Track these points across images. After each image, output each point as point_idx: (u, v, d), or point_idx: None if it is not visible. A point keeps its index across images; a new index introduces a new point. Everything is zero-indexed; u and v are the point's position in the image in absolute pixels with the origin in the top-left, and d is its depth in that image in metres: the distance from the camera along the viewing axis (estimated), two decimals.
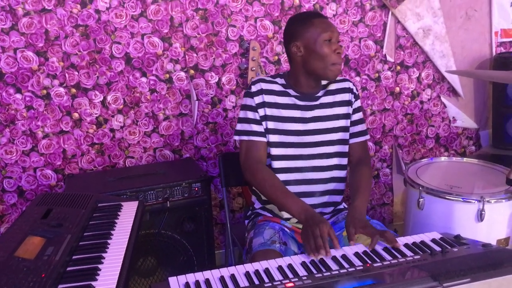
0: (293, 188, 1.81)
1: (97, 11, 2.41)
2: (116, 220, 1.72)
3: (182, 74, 2.60)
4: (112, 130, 2.57)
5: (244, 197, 2.71)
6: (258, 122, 1.83)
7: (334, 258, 1.49)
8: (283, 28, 2.53)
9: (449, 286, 1.27)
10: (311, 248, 1.48)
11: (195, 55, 2.59)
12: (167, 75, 2.58)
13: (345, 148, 1.92)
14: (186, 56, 2.58)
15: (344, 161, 1.92)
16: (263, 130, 1.84)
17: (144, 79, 2.56)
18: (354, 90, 1.94)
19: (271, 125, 1.84)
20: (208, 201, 2.35)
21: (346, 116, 1.91)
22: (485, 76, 2.24)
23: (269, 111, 1.84)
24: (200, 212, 2.32)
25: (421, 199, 2.08)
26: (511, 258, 1.42)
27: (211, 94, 2.66)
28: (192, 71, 2.61)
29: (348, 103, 1.91)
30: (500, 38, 3.14)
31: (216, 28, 2.59)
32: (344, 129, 1.91)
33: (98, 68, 2.48)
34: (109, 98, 2.53)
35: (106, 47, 2.46)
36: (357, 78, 2.90)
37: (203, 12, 2.56)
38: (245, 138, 1.84)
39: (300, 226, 1.88)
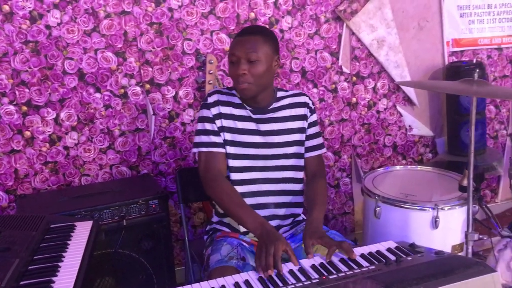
0: (248, 200, 1.81)
1: (48, 27, 2.36)
2: (68, 242, 1.66)
3: (138, 88, 2.56)
4: (66, 147, 2.50)
5: (205, 212, 2.68)
6: (216, 133, 1.82)
7: (291, 272, 1.49)
8: None
9: None
10: (261, 265, 1.47)
11: (150, 69, 2.56)
12: (122, 90, 2.54)
13: (301, 162, 1.92)
14: (141, 71, 2.55)
15: (300, 174, 1.92)
16: (222, 141, 1.82)
17: (98, 95, 2.50)
18: (310, 104, 1.94)
19: (228, 136, 1.83)
20: (167, 218, 2.30)
21: (301, 130, 1.92)
22: (432, 87, 2.30)
23: (226, 123, 1.83)
24: (158, 230, 2.27)
25: (377, 208, 2.10)
26: (462, 265, 1.44)
27: (168, 108, 2.63)
28: (147, 86, 2.57)
29: (303, 117, 1.92)
30: (451, 47, 3.23)
31: (171, 42, 2.57)
32: (299, 143, 1.91)
33: (50, 85, 2.41)
34: (62, 115, 2.46)
35: (58, 63, 2.40)
36: (315, 90, 2.93)
37: (157, 26, 2.53)
38: (204, 149, 1.82)
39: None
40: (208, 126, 1.82)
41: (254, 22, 2.71)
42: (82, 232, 1.76)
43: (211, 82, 2.55)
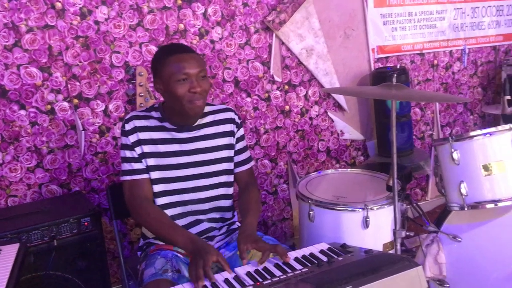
0: (180, 222, 1.81)
1: None
2: None
3: (65, 104, 2.49)
4: None
5: (141, 228, 2.62)
6: (137, 160, 1.80)
7: (226, 281, 1.49)
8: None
9: None
10: (193, 279, 1.48)
11: (78, 83, 2.49)
12: (49, 106, 2.45)
13: (230, 178, 1.94)
14: (69, 85, 2.48)
15: (230, 190, 1.94)
16: (144, 167, 1.80)
17: (23, 112, 2.41)
18: (236, 120, 1.95)
19: (151, 161, 1.81)
20: (100, 236, 2.24)
21: (229, 146, 1.92)
22: (354, 92, 2.40)
23: (147, 148, 1.81)
24: (92, 248, 2.20)
25: (311, 212, 2.15)
26: (389, 261, 1.51)
27: (98, 123, 2.57)
28: (76, 101, 2.50)
29: (230, 133, 1.93)
30: (376, 54, 3.38)
31: (99, 55, 2.52)
32: (227, 159, 1.92)
33: None
34: None
35: None
36: (248, 99, 2.97)
37: (83, 39, 2.47)
38: (127, 178, 1.81)
39: None
40: (128, 153, 1.81)
41: (184, 34, 2.71)
42: (7, 256, 1.68)
43: (142, 94, 2.52)
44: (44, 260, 2.10)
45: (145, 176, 1.80)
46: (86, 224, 2.18)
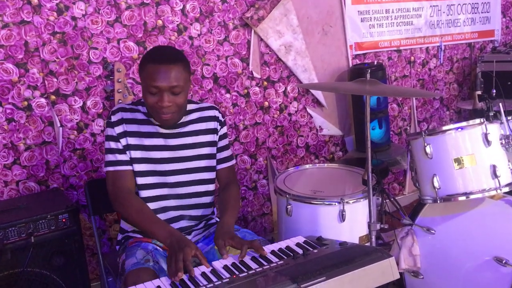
0: (161, 216, 1.82)
1: None
2: None
3: (43, 100, 2.47)
4: None
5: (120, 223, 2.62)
6: (121, 151, 1.81)
7: (204, 274, 1.51)
8: (148, 48, 2.53)
9: (306, 287, 1.35)
10: (172, 272, 1.49)
11: (55, 79, 2.48)
12: (26, 103, 2.44)
13: (212, 175, 1.95)
14: (46, 82, 2.46)
15: (211, 187, 1.96)
16: (128, 159, 1.81)
17: None
18: (220, 118, 1.97)
19: (136, 154, 1.82)
20: (78, 232, 2.23)
21: (212, 144, 1.94)
22: (330, 88, 2.44)
23: (132, 140, 1.82)
24: (70, 244, 2.20)
25: (289, 206, 2.18)
26: (362, 253, 1.54)
27: (76, 119, 2.56)
28: (53, 97, 2.49)
29: (213, 131, 1.95)
30: (354, 51, 3.42)
31: (76, 51, 2.51)
32: (210, 156, 1.94)
33: None
34: None
35: None
36: (227, 95, 2.98)
37: (60, 35, 2.46)
38: (110, 169, 1.81)
39: None
40: (113, 145, 1.81)
41: (162, 30, 2.71)
42: None
43: (120, 90, 2.52)
44: (22, 257, 2.09)
45: (128, 167, 1.81)
46: (64, 220, 2.18)
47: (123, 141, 1.81)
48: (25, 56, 2.40)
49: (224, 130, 1.99)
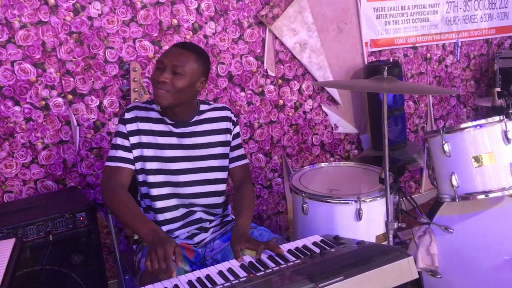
0: (172, 213, 1.83)
1: None
2: None
3: (60, 99, 2.49)
4: None
5: None
6: (126, 149, 1.82)
7: (221, 273, 1.51)
8: (164, 48, 2.54)
9: (324, 286, 1.34)
10: (152, 268, 1.49)
11: (72, 79, 2.50)
12: (43, 102, 2.46)
13: (224, 175, 1.96)
14: (63, 81, 2.48)
15: (222, 187, 1.96)
16: (131, 158, 1.82)
17: (17, 108, 2.41)
18: (233, 118, 1.99)
19: (148, 152, 1.83)
20: (96, 230, 2.25)
21: (224, 143, 1.95)
22: (346, 85, 2.42)
23: (145, 139, 1.83)
24: (87, 243, 2.22)
25: (305, 205, 2.17)
26: (380, 252, 1.53)
27: (92, 119, 2.58)
28: (70, 96, 2.51)
29: (226, 131, 1.95)
30: (370, 48, 3.39)
31: (92, 51, 2.52)
32: (222, 156, 1.94)
33: None
34: None
35: None
36: (242, 94, 2.98)
37: (77, 35, 2.48)
38: (110, 164, 1.82)
39: (189, 241, 1.89)
40: (119, 141, 1.83)
41: (178, 29, 2.72)
42: (3, 251, 1.69)
43: (136, 90, 2.53)
44: (40, 255, 2.11)
45: (128, 166, 1.82)
46: (81, 219, 2.20)
47: (135, 139, 1.82)
48: (43, 56, 2.43)
49: (237, 129, 2.00)
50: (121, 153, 1.81)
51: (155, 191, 1.84)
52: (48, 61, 2.44)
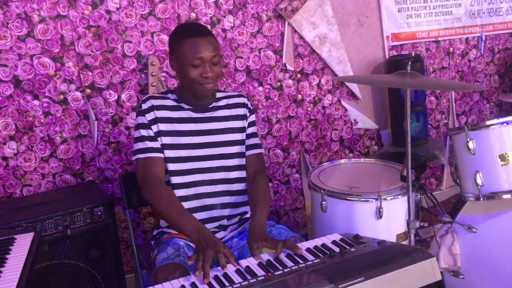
0: (193, 203, 1.80)
1: None
2: (7, 256, 1.60)
3: (78, 94, 2.49)
4: (5, 158, 2.40)
5: (155, 217, 2.64)
6: (152, 138, 1.80)
7: (238, 271, 1.49)
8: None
9: (344, 287, 1.31)
10: (199, 270, 1.45)
11: (90, 73, 2.50)
12: (62, 96, 2.46)
13: (243, 161, 1.93)
14: (81, 75, 2.48)
15: (244, 173, 1.93)
16: (159, 146, 1.80)
17: (36, 102, 2.42)
18: (249, 105, 1.97)
19: (166, 140, 1.81)
20: (113, 225, 2.25)
21: (242, 130, 1.93)
22: (368, 80, 2.36)
23: (163, 127, 1.81)
24: (105, 237, 2.22)
25: (323, 202, 2.13)
26: (402, 253, 1.49)
27: (111, 113, 2.58)
28: (88, 90, 2.51)
29: (243, 117, 1.94)
30: (391, 42, 3.33)
31: (111, 45, 2.52)
32: (241, 142, 1.92)
33: None
34: None
35: None
36: (260, 88, 2.95)
37: (95, 29, 2.47)
38: (141, 156, 1.80)
39: None
40: (143, 132, 1.80)
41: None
42: (22, 245, 1.70)
43: (154, 84, 2.52)
44: (58, 249, 2.12)
45: (159, 155, 1.80)
46: (99, 213, 2.20)
47: (154, 128, 1.81)
48: (61, 50, 2.43)
49: (252, 117, 1.97)
50: (148, 144, 1.79)
51: (174, 179, 1.82)
52: (67, 55, 2.44)
